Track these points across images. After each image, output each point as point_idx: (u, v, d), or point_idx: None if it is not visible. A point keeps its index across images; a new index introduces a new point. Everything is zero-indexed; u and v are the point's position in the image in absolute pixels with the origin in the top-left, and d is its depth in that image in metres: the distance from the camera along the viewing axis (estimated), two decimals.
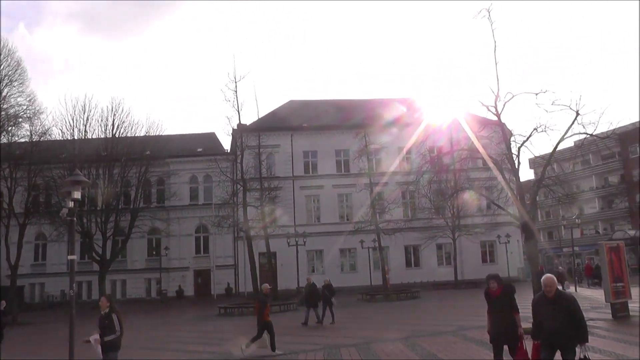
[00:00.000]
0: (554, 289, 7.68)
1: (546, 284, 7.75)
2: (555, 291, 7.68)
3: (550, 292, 7.67)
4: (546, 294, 7.74)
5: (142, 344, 19.85)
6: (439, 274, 49.34)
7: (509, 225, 44.09)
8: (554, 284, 7.74)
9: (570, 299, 7.76)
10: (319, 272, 48.28)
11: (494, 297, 9.46)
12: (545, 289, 7.72)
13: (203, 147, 52.55)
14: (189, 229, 50.47)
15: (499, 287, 9.46)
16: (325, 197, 51.20)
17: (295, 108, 55.07)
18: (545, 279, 7.81)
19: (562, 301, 7.65)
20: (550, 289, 7.69)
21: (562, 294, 7.75)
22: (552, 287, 7.70)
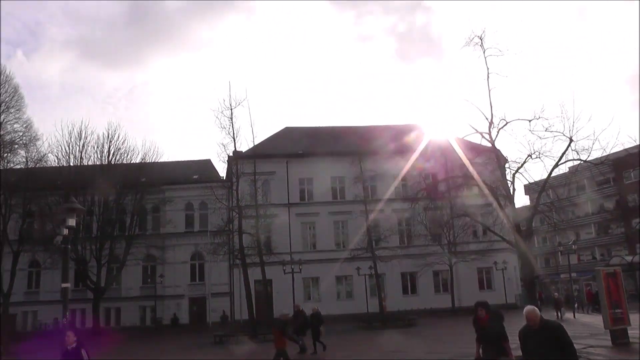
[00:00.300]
0: (538, 320, 7.44)
1: (528, 317, 7.55)
2: (541, 321, 7.45)
3: (534, 324, 7.46)
4: (530, 324, 7.53)
5: None
6: (436, 300, 49.07)
7: (505, 252, 44.04)
8: (536, 315, 7.48)
9: (557, 327, 7.48)
10: (315, 299, 47.98)
11: (483, 325, 9.35)
12: (529, 323, 7.52)
13: (199, 174, 52.44)
14: (184, 256, 50.13)
15: (487, 314, 9.37)
16: (321, 224, 51.05)
17: (291, 135, 55.15)
18: (526, 312, 7.59)
19: (548, 330, 7.40)
20: (533, 322, 7.48)
21: (548, 323, 7.48)
22: (535, 319, 7.46)
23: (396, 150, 49.92)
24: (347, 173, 47.64)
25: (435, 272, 50.37)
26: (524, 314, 7.52)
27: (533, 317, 7.44)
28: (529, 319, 7.48)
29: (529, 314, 7.50)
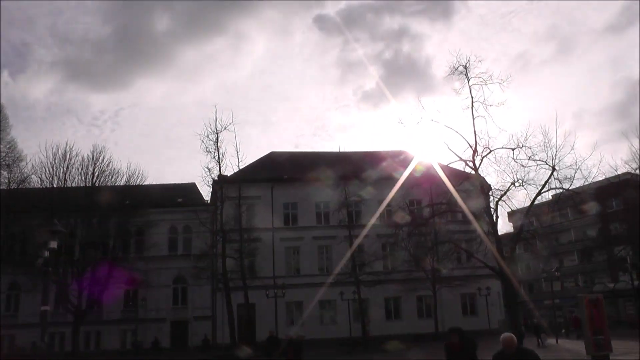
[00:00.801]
0: (514, 346, 7.40)
1: (504, 343, 7.49)
2: (516, 347, 7.45)
3: (509, 350, 7.40)
4: (505, 350, 7.46)
5: None
6: (420, 325, 49.00)
7: (489, 278, 44.14)
8: (512, 342, 7.44)
9: (531, 354, 7.53)
10: (297, 324, 47.76)
11: (455, 352, 9.17)
12: (504, 348, 7.46)
13: (183, 198, 52.22)
14: (166, 280, 49.58)
15: (461, 341, 9.24)
16: (305, 248, 50.96)
17: (276, 159, 55.24)
18: (503, 338, 7.54)
19: (522, 357, 7.43)
20: (509, 348, 7.40)
21: (522, 350, 7.58)
22: (511, 345, 7.40)
23: (381, 176, 50.15)
24: (332, 198, 47.79)
25: (419, 297, 50.41)
26: (500, 340, 7.46)
27: (509, 343, 7.40)
28: (505, 344, 7.42)
29: (506, 339, 7.47)
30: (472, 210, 23.69)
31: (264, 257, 48.29)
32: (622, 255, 47.41)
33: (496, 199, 21.14)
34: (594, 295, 23.91)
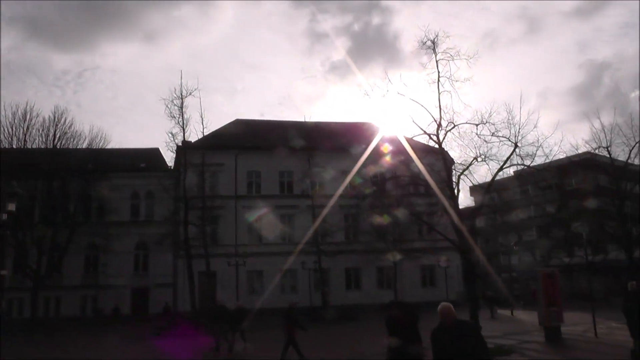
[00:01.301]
0: (452, 317, 6.82)
1: (443, 313, 6.91)
2: (454, 319, 6.84)
3: (448, 320, 6.83)
4: (444, 322, 6.88)
5: None
6: (379, 296, 49.61)
7: (449, 251, 44.77)
8: (450, 312, 6.84)
9: (470, 326, 7.01)
10: (259, 292, 48.00)
11: (396, 325, 8.82)
12: (443, 320, 6.88)
13: (146, 163, 51.63)
14: (128, 246, 49.14)
15: (402, 314, 8.92)
16: (267, 217, 50.97)
17: (241, 127, 54.89)
18: (441, 308, 6.97)
19: (461, 330, 6.79)
20: (447, 317, 6.84)
21: (461, 323, 6.91)
22: (450, 315, 6.82)
23: (346, 147, 50.27)
24: (296, 168, 47.79)
25: (379, 268, 50.98)
26: (438, 310, 6.93)
27: (448, 314, 6.85)
28: (443, 314, 6.89)
29: (444, 310, 6.94)
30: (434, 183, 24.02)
31: (226, 225, 48.21)
32: (578, 231, 48.47)
33: (458, 173, 21.35)
34: (550, 269, 24.60)
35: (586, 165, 46.39)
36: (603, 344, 19.10)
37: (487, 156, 20.81)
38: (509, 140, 20.22)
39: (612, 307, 40.14)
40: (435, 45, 20.50)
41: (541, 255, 71.60)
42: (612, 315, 30.90)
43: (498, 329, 26.60)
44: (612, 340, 20.29)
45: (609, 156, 30.67)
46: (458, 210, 20.80)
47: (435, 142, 20.67)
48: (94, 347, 26.57)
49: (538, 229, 73.73)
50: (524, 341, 20.59)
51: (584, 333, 22.64)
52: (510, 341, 20.69)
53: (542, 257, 70.53)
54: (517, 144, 20.16)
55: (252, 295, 47.15)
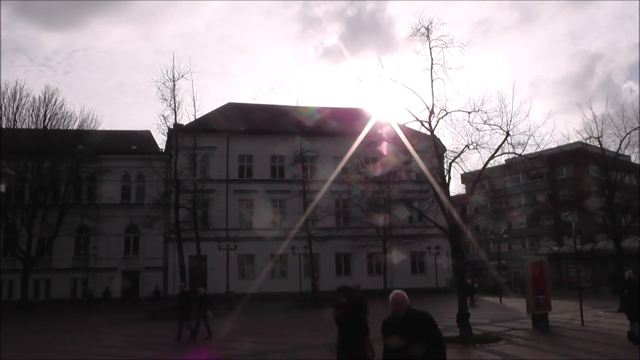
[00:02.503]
0: (405, 306, 6.18)
1: (395, 301, 6.24)
2: (407, 309, 6.18)
3: (400, 310, 6.18)
4: (396, 312, 6.23)
5: (62, 347, 19.42)
6: (369, 282, 49.66)
7: (438, 238, 44.96)
8: (404, 301, 6.20)
9: (424, 316, 6.20)
10: (249, 277, 48.20)
11: (343, 313, 8.30)
12: (394, 307, 6.23)
13: (137, 145, 51.44)
14: (118, 229, 49.19)
15: (350, 301, 8.42)
16: (258, 201, 51.02)
17: (233, 111, 54.80)
18: (393, 296, 6.30)
19: (414, 320, 6.12)
20: (400, 306, 6.19)
21: (414, 313, 6.21)
22: (403, 304, 6.18)
23: (338, 132, 50.31)
24: (288, 152, 47.72)
25: (369, 254, 51.21)
26: (390, 299, 6.27)
27: (400, 302, 6.20)
28: (396, 302, 6.22)
29: (396, 298, 6.25)
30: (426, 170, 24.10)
31: (217, 208, 48.22)
32: (568, 220, 48.75)
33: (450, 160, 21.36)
34: (538, 258, 24.78)
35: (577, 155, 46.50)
36: (589, 332, 19.30)
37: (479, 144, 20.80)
38: (500, 129, 20.20)
39: (599, 296, 40.74)
40: (429, 32, 20.43)
41: (530, 243, 72.22)
42: (599, 304, 31.28)
43: (486, 316, 26.81)
44: (598, 328, 20.50)
45: (600, 147, 30.72)
46: (449, 197, 20.82)
47: (427, 129, 20.62)
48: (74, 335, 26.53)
49: (528, 217, 74.31)
50: (511, 328, 20.77)
51: (571, 321, 22.84)
52: (498, 328, 20.85)
53: (532, 245, 71.13)
54: (509, 133, 20.16)
55: (242, 280, 47.32)
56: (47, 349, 19.11)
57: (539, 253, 52.09)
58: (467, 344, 16.62)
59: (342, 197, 45.72)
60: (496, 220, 63.57)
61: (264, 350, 16.89)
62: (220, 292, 41.94)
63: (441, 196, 20.40)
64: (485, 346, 16.16)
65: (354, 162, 42.82)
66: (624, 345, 15.98)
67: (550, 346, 16.16)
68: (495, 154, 20.37)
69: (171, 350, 17.93)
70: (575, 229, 29.64)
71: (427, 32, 20.12)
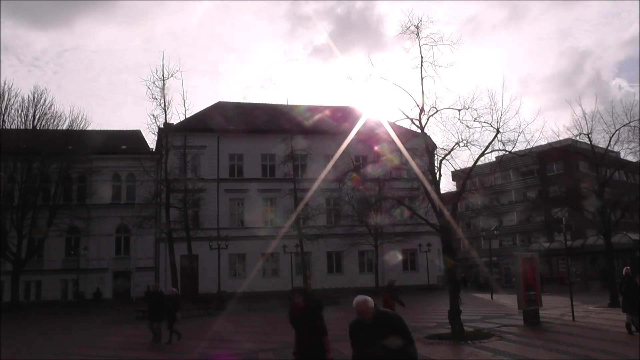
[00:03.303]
0: (370, 312, 5.76)
1: (358, 309, 5.80)
2: (375, 313, 5.77)
3: (365, 316, 5.77)
4: (361, 318, 5.82)
5: (54, 349, 19.33)
6: (361, 280, 49.89)
7: (430, 235, 45.06)
8: (368, 307, 5.76)
9: (393, 319, 5.81)
10: (240, 276, 48.15)
11: (298, 315, 7.95)
12: (359, 315, 5.82)
13: (127, 145, 51.23)
14: (109, 229, 48.97)
15: (305, 302, 7.97)
16: (249, 201, 50.94)
17: (223, 110, 54.68)
18: (356, 302, 5.84)
19: (383, 324, 5.72)
20: (364, 314, 5.78)
21: (383, 315, 5.82)
22: (367, 310, 5.75)
23: (328, 131, 50.32)
24: (278, 151, 47.72)
25: (360, 252, 51.22)
26: (353, 305, 5.83)
27: (364, 309, 5.78)
28: (359, 311, 5.81)
29: (360, 305, 5.83)
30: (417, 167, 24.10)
31: (208, 208, 48.12)
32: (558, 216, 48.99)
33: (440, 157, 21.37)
34: (529, 254, 24.87)
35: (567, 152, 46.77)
36: (580, 327, 19.39)
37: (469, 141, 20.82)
38: (490, 126, 20.23)
39: (590, 291, 40.95)
40: (419, 30, 20.44)
41: (521, 239, 72.52)
42: (589, 299, 31.45)
43: (477, 313, 26.88)
44: (589, 323, 20.61)
45: (590, 143, 30.87)
46: (440, 194, 20.85)
47: (418, 126, 20.62)
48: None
49: (519, 214, 74.61)
50: (502, 325, 20.84)
51: (562, 316, 22.96)
52: (489, 325, 20.92)
53: (523, 241, 71.43)
54: (499, 130, 20.20)
55: (233, 279, 47.24)
56: (38, 351, 19.00)
57: (530, 249, 52.29)
58: (458, 340, 16.66)
59: (333, 195, 45.64)
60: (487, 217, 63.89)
61: (255, 349, 16.86)
62: (212, 291, 41.92)
63: (432, 194, 20.40)
64: (476, 342, 16.20)
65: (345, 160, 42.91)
66: (614, 340, 16.14)
67: (541, 342, 16.22)
68: (486, 151, 20.39)
69: (161, 351, 17.81)
70: (566, 225, 29.76)
71: (416, 30, 20.12)
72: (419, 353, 6.08)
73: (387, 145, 30.72)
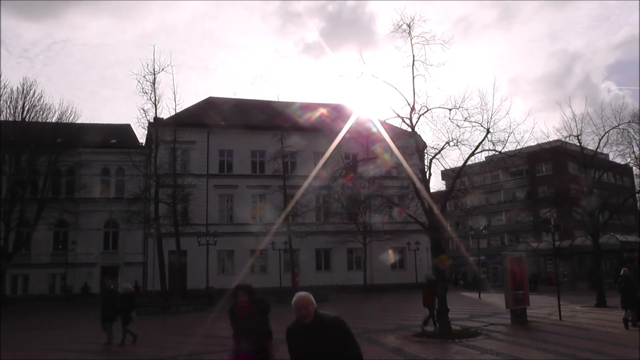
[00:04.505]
0: (311, 312, 5.17)
1: (298, 306, 5.22)
2: (315, 315, 5.18)
3: (305, 317, 5.17)
4: (300, 320, 5.22)
5: (40, 344, 19.21)
6: (349, 278, 50.03)
7: (418, 233, 45.15)
8: (308, 305, 5.19)
9: (334, 322, 5.17)
10: (229, 272, 48.08)
11: (242, 315, 7.16)
12: (298, 313, 5.23)
13: (117, 139, 50.93)
14: (98, 223, 48.70)
15: (250, 301, 7.19)
16: (239, 197, 50.84)
17: (214, 105, 54.56)
18: (295, 300, 5.27)
19: (323, 327, 5.11)
20: (304, 312, 5.19)
21: (323, 318, 5.17)
22: (307, 309, 5.18)
23: (318, 128, 50.32)
24: (268, 147, 47.70)
25: (349, 250, 51.27)
26: (292, 303, 5.24)
27: (305, 304, 5.20)
28: (298, 308, 5.21)
29: (299, 302, 5.24)
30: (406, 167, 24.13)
31: (197, 203, 48.01)
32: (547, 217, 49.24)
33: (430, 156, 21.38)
34: (517, 253, 25.01)
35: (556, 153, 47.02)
36: (567, 327, 19.54)
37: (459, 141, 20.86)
38: (481, 126, 20.28)
39: (577, 291, 41.19)
40: (411, 28, 20.44)
41: (510, 239, 72.88)
42: (576, 299, 31.63)
43: (465, 311, 26.99)
44: (576, 322, 20.77)
45: (579, 145, 31.05)
46: (429, 193, 20.88)
47: (408, 125, 20.63)
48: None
49: (507, 214, 74.98)
50: (490, 323, 20.92)
51: (549, 316, 23.11)
52: (477, 323, 21.00)
53: (511, 241, 71.78)
54: (489, 130, 20.24)
55: (222, 275, 47.13)
56: (25, 347, 18.90)
57: (518, 249, 52.53)
58: (446, 339, 16.72)
59: (323, 193, 45.66)
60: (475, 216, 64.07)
61: None
62: (200, 287, 41.88)
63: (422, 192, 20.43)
64: (464, 341, 16.26)
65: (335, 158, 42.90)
66: (601, 339, 16.28)
67: (528, 341, 16.33)
68: (476, 150, 20.45)
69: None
70: (554, 226, 29.92)
71: (408, 29, 20.13)
72: (406, 352, 5.87)
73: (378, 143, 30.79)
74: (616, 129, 30.30)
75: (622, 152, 31.84)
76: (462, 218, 72.57)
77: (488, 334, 17.62)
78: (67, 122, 45.61)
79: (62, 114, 45.47)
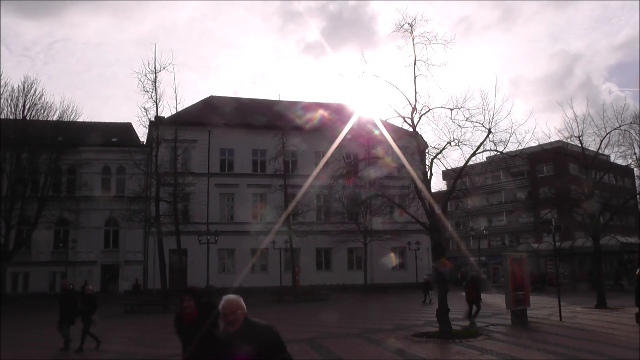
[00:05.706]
0: (239, 318, 4.57)
1: (224, 312, 4.61)
2: (244, 322, 4.59)
3: (232, 323, 4.56)
4: (227, 326, 4.61)
5: (39, 343, 19.19)
6: (350, 277, 50.03)
7: (419, 233, 45.11)
8: (236, 309, 4.59)
9: (263, 330, 4.62)
10: (229, 271, 48.09)
11: (188, 322, 6.41)
12: (224, 319, 4.62)
13: (118, 137, 50.91)
14: (98, 222, 48.70)
15: (197, 306, 6.45)
16: (239, 195, 50.83)
17: (215, 104, 54.56)
18: (224, 302, 4.65)
19: (250, 336, 4.52)
20: (231, 318, 4.57)
21: (249, 325, 4.57)
22: (235, 315, 4.57)
23: (320, 127, 50.26)
24: (269, 147, 47.66)
25: (349, 249, 51.28)
26: (219, 307, 4.65)
27: (231, 313, 4.58)
28: (225, 314, 4.59)
29: (226, 307, 4.62)
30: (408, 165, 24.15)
31: (198, 202, 48.04)
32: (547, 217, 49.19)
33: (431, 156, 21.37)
34: (518, 254, 24.99)
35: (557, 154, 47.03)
36: (567, 327, 19.51)
37: (461, 141, 20.83)
38: (482, 126, 20.25)
39: (578, 292, 41.14)
40: (413, 28, 20.41)
41: (510, 240, 72.80)
42: (577, 300, 31.59)
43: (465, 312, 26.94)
44: (576, 323, 20.74)
45: (581, 145, 30.99)
46: (431, 193, 20.85)
47: (410, 125, 20.61)
48: None
49: (508, 215, 74.90)
50: (490, 324, 20.91)
51: (549, 317, 23.10)
52: (477, 324, 20.97)
53: (511, 241, 71.71)
54: (491, 130, 20.21)
55: (222, 274, 47.13)
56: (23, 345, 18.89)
57: (519, 250, 52.51)
58: (446, 339, 16.70)
59: (324, 193, 45.63)
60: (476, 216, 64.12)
61: None
62: (200, 286, 41.73)
63: (423, 192, 20.40)
64: (464, 341, 16.25)
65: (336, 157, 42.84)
66: (601, 340, 16.26)
67: (528, 341, 16.32)
68: (477, 151, 20.41)
69: (151, 345, 17.61)
70: (555, 227, 29.88)
71: (410, 29, 20.10)
72: (406, 352, 5.68)
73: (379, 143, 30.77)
74: (617, 130, 30.28)
75: (623, 154, 31.84)
76: (463, 218, 72.63)
77: (489, 335, 17.62)
78: (68, 121, 45.47)
79: (63, 113, 45.35)
